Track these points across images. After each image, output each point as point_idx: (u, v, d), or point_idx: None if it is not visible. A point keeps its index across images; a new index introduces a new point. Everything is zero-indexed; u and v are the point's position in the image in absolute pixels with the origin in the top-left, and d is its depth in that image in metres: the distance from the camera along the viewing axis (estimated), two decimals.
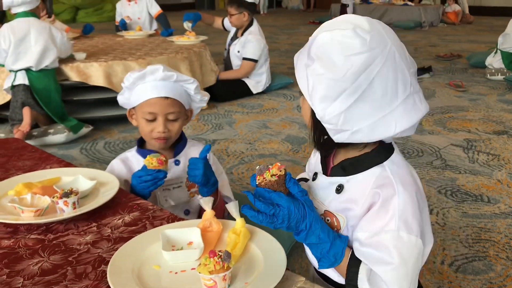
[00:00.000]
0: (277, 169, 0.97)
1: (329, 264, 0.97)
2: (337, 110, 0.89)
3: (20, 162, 1.67)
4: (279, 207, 0.94)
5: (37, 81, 3.27)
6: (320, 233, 0.96)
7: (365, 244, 0.94)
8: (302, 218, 0.95)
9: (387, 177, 0.96)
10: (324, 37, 0.90)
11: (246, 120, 3.74)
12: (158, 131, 1.49)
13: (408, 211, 0.92)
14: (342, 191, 1.01)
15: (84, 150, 3.15)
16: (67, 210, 1.25)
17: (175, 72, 1.50)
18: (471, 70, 5.55)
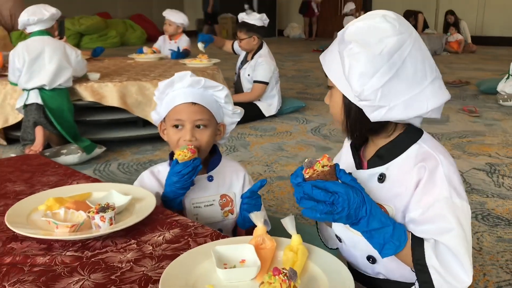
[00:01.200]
0: (327, 160, 0.96)
1: (394, 248, 0.95)
2: (375, 85, 0.94)
3: (45, 178, 1.59)
4: (337, 194, 0.92)
5: (51, 100, 3.21)
6: (381, 217, 0.95)
7: (422, 220, 0.95)
8: (362, 204, 0.94)
9: (426, 152, 1.00)
10: (357, 25, 0.97)
11: (260, 143, 3.67)
12: (185, 140, 1.41)
13: (454, 178, 0.97)
14: (384, 179, 1.03)
15: (98, 171, 3.07)
16: (103, 226, 1.16)
17: (203, 78, 1.44)
18: (482, 96, 5.53)
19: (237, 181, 1.53)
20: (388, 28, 0.95)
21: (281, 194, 2.68)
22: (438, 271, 0.92)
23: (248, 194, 1.37)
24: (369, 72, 0.93)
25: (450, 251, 0.92)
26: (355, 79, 0.94)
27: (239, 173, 1.55)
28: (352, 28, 0.97)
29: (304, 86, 6.26)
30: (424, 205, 0.96)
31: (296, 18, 14.86)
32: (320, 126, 4.22)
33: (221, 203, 1.51)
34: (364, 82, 0.94)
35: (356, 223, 0.95)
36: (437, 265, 0.92)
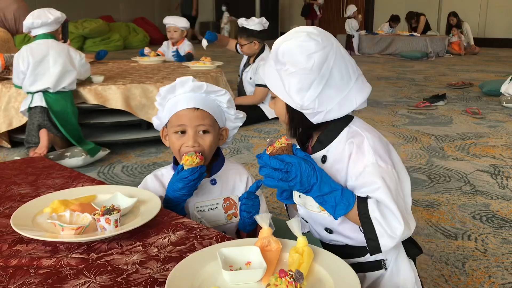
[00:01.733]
0: (285, 139, 1.11)
1: (345, 208, 1.08)
2: (312, 96, 1.12)
3: (50, 181, 1.59)
4: (291, 163, 1.07)
5: (55, 103, 3.22)
6: (331, 182, 1.09)
7: (358, 185, 1.11)
8: (313, 172, 1.07)
9: (354, 131, 1.17)
10: (286, 45, 1.14)
11: (263, 145, 3.67)
12: (187, 145, 1.40)
13: (378, 147, 1.13)
14: (326, 160, 1.18)
15: (102, 174, 3.07)
16: (109, 228, 1.16)
17: (205, 83, 1.44)
18: (485, 98, 5.52)
19: (240, 184, 1.53)
20: (313, 45, 1.11)
21: None
22: (379, 221, 1.05)
23: (245, 195, 1.37)
24: (304, 87, 1.11)
25: (383, 205, 1.06)
26: (294, 94, 1.12)
27: (242, 176, 1.55)
28: (283, 49, 1.14)
29: None
30: (356, 172, 1.11)
31: (298, 20, 14.88)
32: None
33: (224, 206, 1.51)
34: (303, 95, 1.12)
35: (310, 189, 1.08)
36: (378, 216, 1.05)
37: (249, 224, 1.42)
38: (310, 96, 1.11)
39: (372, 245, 1.07)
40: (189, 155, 1.34)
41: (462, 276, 1.85)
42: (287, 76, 1.12)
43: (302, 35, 1.13)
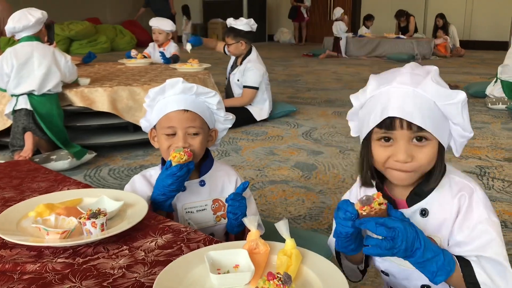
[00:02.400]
0: (382, 199, 0.99)
1: (446, 274, 1.00)
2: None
3: (35, 184, 1.57)
4: (396, 229, 0.96)
5: (40, 105, 3.18)
6: (433, 247, 1.00)
7: (468, 241, 1.03)
8: (416, 236, 0.98)
9: (459, 182, 1.09)
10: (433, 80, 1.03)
11: (252, 147, 3.67)
12: (177, 147, 1.40)
13: (487, 199, 1.07)
14: (427, 214, 1.09)
15: (88, 177, 3.04)
16: (95, 232, 1.15)
17: (195, 84, 1.43)
18: (471, 99, 5.57)
19: (229, 185, 1.53)
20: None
21: (273, 198, 2.67)
22: (488, 285, 0.99)
23: (232, 196, 1.36)
24: None
25: (494, 263, 0.99)
26: (469, 122, 1.04)
27: (231, 177, 1.54)
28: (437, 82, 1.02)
29: (294, 90, 6.28)
30: (468, 227, 1.03)
31: (286, 23, 14.91)
32: (311, 130, 4.22)
33: (213, 208, 1.50)
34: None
35: (412, 255, 0.98)
36: (487, 280, 0.99)
37: (236, 225, 1.40)
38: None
39: None
40: (177, 151, 1.34)
41: None
42: (464, 107, 1.03)
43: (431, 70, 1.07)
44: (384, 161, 1.05)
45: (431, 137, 1.02)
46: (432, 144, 1.03)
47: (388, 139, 1.04)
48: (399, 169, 1.04)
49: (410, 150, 1.02)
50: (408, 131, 1.01)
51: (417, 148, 1.03)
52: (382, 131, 1.03)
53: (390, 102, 1.01)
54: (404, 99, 1.01)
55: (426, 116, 1.00)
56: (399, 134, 1.02)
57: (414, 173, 1.05)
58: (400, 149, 1.02)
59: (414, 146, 1.02)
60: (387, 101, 1.02)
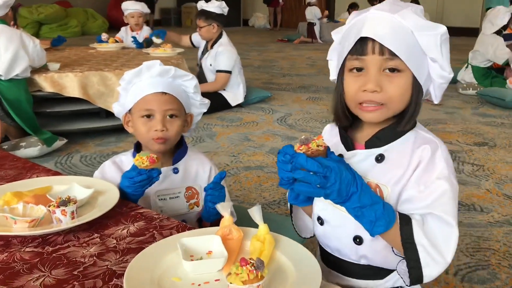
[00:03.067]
0: (322, 140, 0.94)
1: (386, 225, 0.95)
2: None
3: (2, 172, 1.53)
4: (330, 168, 0.91)
5: (7, 91, 3.08)
6: (372, 193, 0.95)
7: (420, 197, 0.97)
8: (353, 179, 0.93)
9: (425, 137, 1.03)
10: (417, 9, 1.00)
11: (227, 133, 3.65)
12: (156, 130, 1.38)
13: (450, 161, 1.01)
14: (383, 160, 1.03)
15: (59, 164, 2.98)
16: (65, 220, 1.12)
17: (173, 67, 1.41)
18: None
19: (203, 173, 1.52)
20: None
21: (248, 184, 2.68)
22: (426, 248, 0.93)
23: (211, 186, 1.34)
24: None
25: (441, 222, 0.94)
26: (448, 61, 0.98)
27: (205, 165, 1.53)
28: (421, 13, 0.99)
29: (269, 76, 6.27)
30: (425, 183, 0.97)
31: (261, 8, 14.82)
32: (285, 116, 4.23)
33: (186, 196, 1.49)
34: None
35: (348, 199, 0.94)
36: (425, 242, 0.94)
37: (213, 214, 1.40)
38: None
39: (415, 275, 0.95)
40: (140, 155, 1.27)
41: None
42: (444, 41, 0.97)
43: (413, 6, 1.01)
44: (354, 94, 1.00)
45: (404, 69, 0.96)
46: (405, 76, 0.97)
47: (360, 69, 0.99)
48: (368, 101, 0.98)
49: (381, 80, 0.96)
50: (379, 56, 0.95)
51: (388, 78, 0.96)
52: (354, 58, 0.98)
53: (364, 25, 0.97)
54: (380, 22, 0.96)
55: (400, 42, 0.94)
56: (370, 60, 0.96)
57: (385, 108, 0.98)
58: (370, 77, 0.96)
59: (385, 76, 0.96)
60: (362, 25, 0.97)
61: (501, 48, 4.78)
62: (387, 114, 1.00)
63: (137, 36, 4.94)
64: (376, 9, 0.99)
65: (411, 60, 0.95)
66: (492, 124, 4.00)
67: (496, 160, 3.11)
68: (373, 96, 0.97)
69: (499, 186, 2.67)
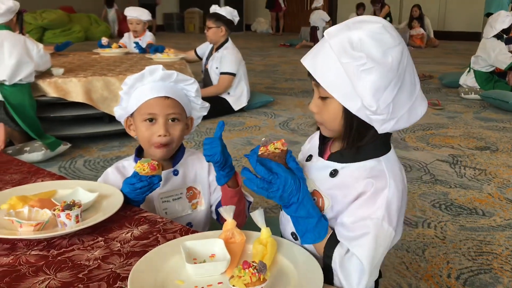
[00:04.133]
0: (281, 144, 1.03)
1: (313, 239, 1.03)
2: (387, 99, 0.94)
3: (7, 176, 1.54)
4: (277, 175, 0.99)
5: (11, 96, 3.11)
6: (310, 208, 1.02)
7: (349, 227, 1.00)
8: (296, 191, 1.01)
9: (381, 170, 1.03)
10: (358, 35, 0.94)
11: (229, 138, 3.67)
12: (159, 135, 1.39)
13: (394, 204, 1.00)
14: (336, 175, 1.07)
15: (63, 169, 3.00)
16: (69, 224, 1.14)
17: (175, 71, 1.43)
18: (445, 89, 5.67)
19: (201, 172, 1.53)
20: (389, 38, 0.94)
21: None
22: (338, 275, 1.00)
23: (204, 141, 1.32)
24: (382, 87, 0.93)
25: (357, 266, 0.98)
26: (370, 94, 0.93)
27: (203, 163, 1.54)
28: (355, 39, 0.93)
29: (272, 81, 6.29)
30: (357, 216, 1.00)
31: (263, 13, 14.88)
32: (288, 120, 4.24)
33: (188, 196, 1.51)
34: (379, 97, 0.93)
35: (287, 206, 1.03)
36: (338, 271, 0.99)
37: (223, 175, 1.35)
38: (385, 99, 0.93)
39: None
40: (141, 162, 1.29)
41: (422, 263, 1.91)
42: (362, 73, 0.91)
43: (375, 26, 0.94)
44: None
45: (330, 96, 0.99)
46: (333, 103, 1.00)
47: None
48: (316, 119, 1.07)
49: (318, 103, 1.03)
50: (314, 82, 1.01)
51: (323, 103, 1.02)
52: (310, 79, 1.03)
53: (312, 51, 1.01)
54: (319, 50, 0.99)
55: (324, 71, 0.97)
56: (313, 84, 1.03)
57: (324, 127, 1.06)
58: (313, 100, 1.05)
59: (321, 101, 1.03)
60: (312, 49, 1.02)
61: (503, 52, 4.78)
62: (329, 132, 1.08)
63: (140, 41, 4.97)
64: (328, 31, 0.98)
65: (335, 90, 0.97)
66: (494, 128, 4.01)
67: (498, 164, 3.11)
68: (315, 116, 1.07)
69: (501, 190, 2.68)
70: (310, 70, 0.99)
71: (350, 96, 0.95)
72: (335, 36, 0.94)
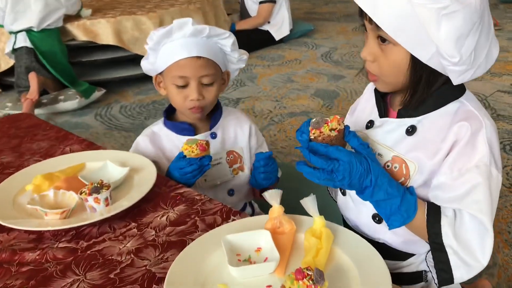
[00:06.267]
0: (337, 123, 0.86)
1: (401, 221, 0.86)
2: (470, 47, 0.80)
3: (34, 144, 1.44)
4: (339, 161, 0.83)
5: (40, 42, 2.99)
6: (387, 187, 0.85)
7: (452, 186, 0.85)
8: (366, 173, 0.85)
9: (469, 111, 0.88)
10: None
11: (268, 74, 3.46)
12: (192, 99, 1.24)
13: (496, 145, 0.87)
14: (414, 132, 0.91)
15: (99, 117, 2.91)
16: (98, 208, 1.03)
17: (207, 26, 1.24)
18: (502, 5, 5.15)
19: (242, 134, 1.39)
20: None
21: (293, 133, 2.52)
22: (456, 250, 0.83)
23: (262, 163, 1.24)
24: (465, 33, 0.79)
25: (475, 222, 0.83)
26: (452, 43, 0.78)
27: (244, 125, 1.40)
28: None
29: (311, 5, 5.89)
30: (460, 168, 0.85)
31: None
32: (330, 51, 3.96)
33: (228, 161, 1.37)
34: (461, 44, 0.79)
35: (361, 192, 0.87)
36: (454, 244, 0.83)
37: (266, 185, 1.33)
38: (468, 46, 0.80)
39: (443, 277, 0.85)
40: (188, 143, 1.17)
41: None
42: (444, 18, 0.77)
43: None
44: (363, 58, 0.91)
45: (393, 42, 0.83)
46: (397, 51, 0.84)
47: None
48: (368, 70, 0.91)
49: (374, 49, 0.87)
50: (370, 24, 0.85)
51: (381, 50, 0.87)
52: (361, 19, 0.89)
53: None
54: None
55: (388, 13, 0.80)
56: (367, 25, 0.87)
57: (381, 81, 0.91)
58: (366, 45, 0.89)
59: (379, 46, 0.87)
60: None
61: None
62: (387, 86, 0.92)
63: None
64: None
65: (402, 34, 0.81)
66: None
67: None
68: (368, 66, 0.90)
69: None
70: (367, 9, 0.82)
71: (422, 43, 0.81)
72: None
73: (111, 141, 2.55)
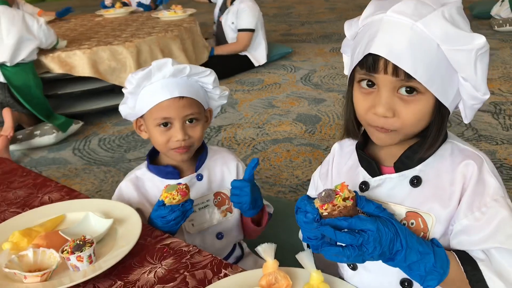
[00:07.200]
0: (347, 190, 0.78)
1: (439, 278, 0.79)
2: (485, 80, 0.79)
3: (11, 193, 1.38)
4: (366, 232, 0.75)
5: (14, 77, 2.91)
6: (418, 246, 0.78)
7: (478, 226, 0.81)
8: (395, 236, 0.77)
9: (465, 149, 0.87)
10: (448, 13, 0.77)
11: (249, 100, 3.44)
12: (177, 140, 1.20)
13: (498, 175, 0.84)
14: (420, 183, 0.86)
15: (77, 151, 2.84)
16: (82, 267, 0.98)
17: (187, 64, 1.21)
18: (475, 21, 5.26)
19: (229, 174, 1.34)
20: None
21: (278, 161, 2.49)
22: None
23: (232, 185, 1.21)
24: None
25: (510, 260, 0.79)
26: (485, 80, 0.79)
27: (230, 164, 1.36)
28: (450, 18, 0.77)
29: (287, 26, 5.93)
30: (479, 207, 0.81)
31: None
32: (309, 73, 3.97)
33: (216, 203, 1.32)
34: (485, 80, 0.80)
35: (392, 258, 0.78)
36: (502, 286, 0.79)
37: (246, 210, 1.25)
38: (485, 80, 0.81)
39: None
40: (168, 191, 1.12)
41: None
42: (480, 56, 0.76)
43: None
44: (364, 114, 0.83)
45: (424, 91, 0.78)
46: (425, 100, 0.79)
47: (371, 84, 0.81)
48: (377, 126, 0.82)
49: (394, 103, 0.79)
50: (393, 77, 0.77)
51: (403, 102, 0.79)
52: (363, 72, 0.81)
53: (376, 35, 0.77)
54: (395, 35, 0.76)
55: (420, 61, 0.75)
56: (382, 79, 0.79)
57: (396, 134, 0.83)
58: (380, 100, 0.79)
59: (400, 98, 0.79)
60: (375, 33, 0.78)
61: None
62: (398, 138, 0.84)
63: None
64: (394, 11, 0.77)
65: (434, 83, 0.77)
66: None
67: None
68: (384, 122, 0.81)
69: None
70: (391, 59, 0.75)
71: (449, 87, 0.79)
72: (422, 16, 0.75)
73: (90, 176, 2.48)
